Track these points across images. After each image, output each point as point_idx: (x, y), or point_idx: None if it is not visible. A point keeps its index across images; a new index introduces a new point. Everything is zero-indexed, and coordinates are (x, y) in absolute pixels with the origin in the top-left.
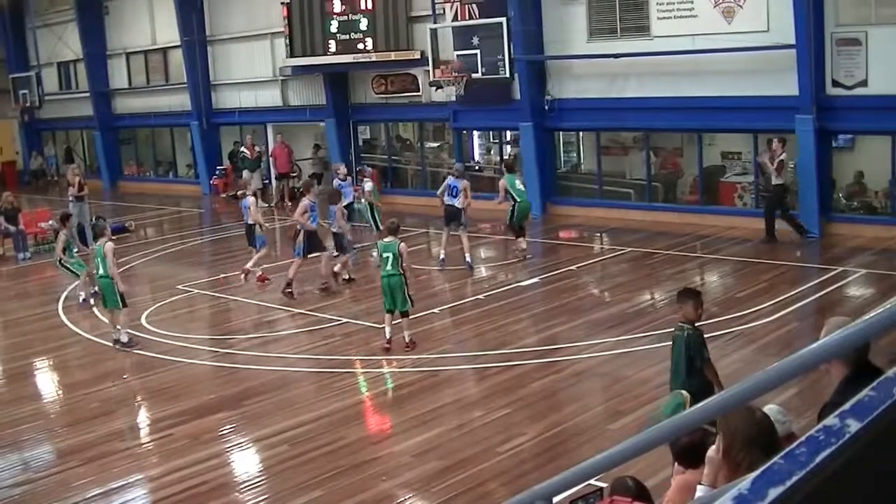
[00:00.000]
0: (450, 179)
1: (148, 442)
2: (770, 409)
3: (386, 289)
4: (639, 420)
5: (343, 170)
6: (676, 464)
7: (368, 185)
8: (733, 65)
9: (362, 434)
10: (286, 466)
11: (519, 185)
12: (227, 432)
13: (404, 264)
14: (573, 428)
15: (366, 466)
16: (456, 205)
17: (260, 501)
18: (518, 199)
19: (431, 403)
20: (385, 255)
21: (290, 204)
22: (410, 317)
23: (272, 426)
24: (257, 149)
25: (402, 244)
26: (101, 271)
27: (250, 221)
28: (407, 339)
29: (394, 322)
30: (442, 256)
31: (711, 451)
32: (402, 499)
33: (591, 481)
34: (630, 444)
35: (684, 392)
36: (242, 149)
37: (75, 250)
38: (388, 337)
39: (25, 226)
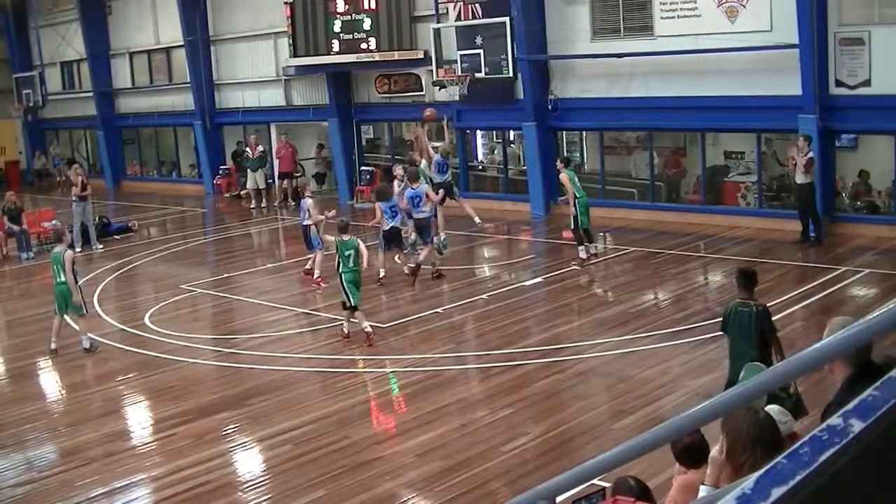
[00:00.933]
0: (438, 157)
1: (151, 441)
2: (771, 409)
3: (350, 285)
4: (642, 420)
5: (400, 171)
6: (678, 464)
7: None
8: (736, 64)
9: (365, 434)
10: (289, 466)
11: (576, 179)
12: (231, 432)
13: (363, 262)
14: (576, 428)
15: (369, 466)
16: (448, 179)
17: (263, 501)
18: (579, 195)
19: (435, 403)
20: (347, 252)
21: (293, 203)
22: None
23: (275, 426)
24: (260, 148)
25: (360, 242)
26: (59, 278)
27: (307, 223)
28: (368, 330)
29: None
30: (442, 237)
31: (714, 452)
32: (406, 498)
33: (594, 481)
34: (633, 444)
35: (760, 364)
36: (246, 148)
37: None
38: (351, 332)
39: (29, 225)
